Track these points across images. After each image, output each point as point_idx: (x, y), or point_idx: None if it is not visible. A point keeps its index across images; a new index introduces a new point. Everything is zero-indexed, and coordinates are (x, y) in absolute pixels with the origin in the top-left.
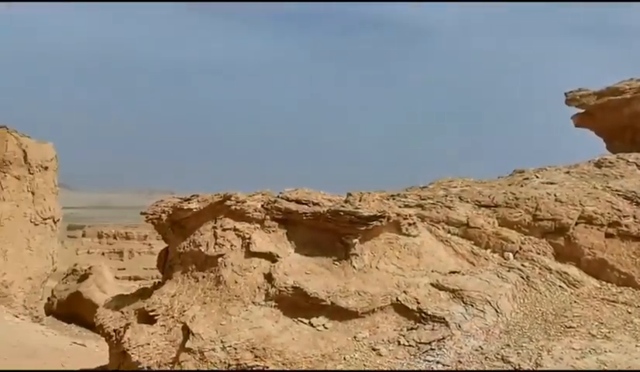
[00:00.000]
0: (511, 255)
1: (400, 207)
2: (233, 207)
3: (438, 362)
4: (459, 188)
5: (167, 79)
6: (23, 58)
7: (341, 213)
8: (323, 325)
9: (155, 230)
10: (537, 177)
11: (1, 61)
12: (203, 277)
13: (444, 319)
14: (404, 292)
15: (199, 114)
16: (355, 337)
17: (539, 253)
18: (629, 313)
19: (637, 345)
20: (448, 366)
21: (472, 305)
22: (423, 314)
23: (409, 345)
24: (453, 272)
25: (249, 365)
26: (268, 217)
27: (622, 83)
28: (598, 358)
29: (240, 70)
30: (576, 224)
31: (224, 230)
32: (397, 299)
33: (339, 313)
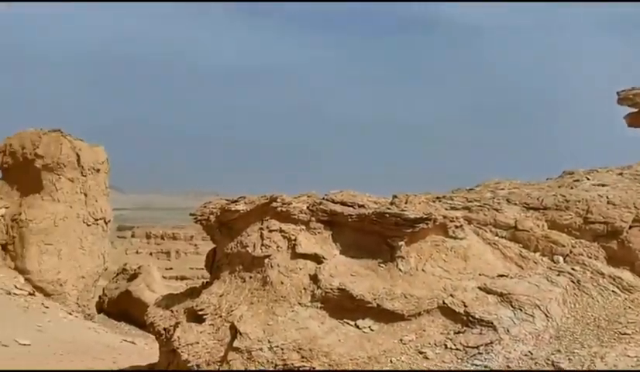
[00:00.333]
0: (561, 258)
1: (446, 209)
2: (279, 208)
3: (486, 366)
4: (507, 190)
5: (211, 82)
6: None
7: (387, 215)
8: (369, 328)
9: (201, 231)
10: (588, 179)
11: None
12: (250, 278)
13: (492, 323)
14: (451, 295)
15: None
16: (401, 340)
17: (591, 257)
18: None
19: None
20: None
21: (521, 309)
22: (470, 317)
23: (456, 348)
24: (501, 275)
25: (296, 366)
26: (313, 219)
27: None
28: None
29: (283, 72)
30: (630, 227)
31: (270, 231)
32: (444, 302)
33: (385, 315)
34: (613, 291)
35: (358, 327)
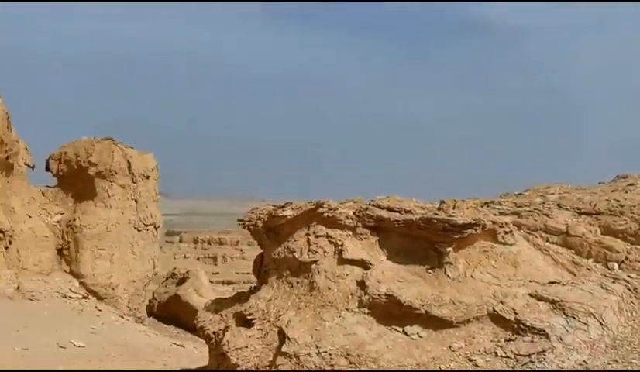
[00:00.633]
0: (616, 265)
1: (495, 214)
2: (326, 214)
3: None
4: (557, 195)
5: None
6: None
7: (434, 221)
8: (417, 334)
9: (247, 236)
10: None
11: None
12: (297, 283)
13: (544, 331)
14: (501, 302)
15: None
16: (450, 347)
17: None
18: None
19: None
20: None
21: (574, 317)
22: (521, 325)
23: (507, 356)
24: (553, 282)
25: (344, 371)
26: (360, 224)
27: None
28: None
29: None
30: None
31: (317, 237)
32: (494, 309)
33: (434, 322)
34: None
35: (406, 333)
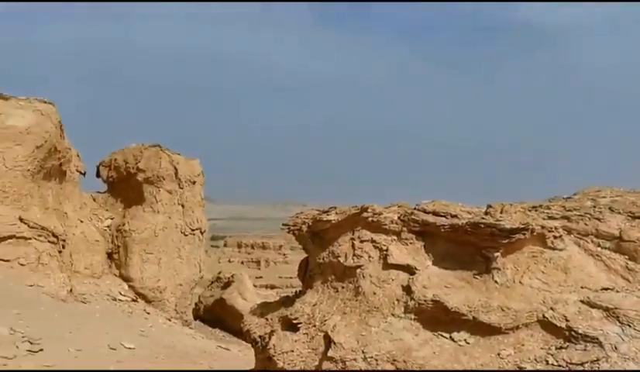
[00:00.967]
0: None
1: (543, 219)
2: (370, 219)
3: None
4: (609, 198)
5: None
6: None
7: (481, 225)
8: (465, 340)
9: (290, 241)
10: None
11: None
12: (342, 288)
13: (597, 339)
14: (551, 309)
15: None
16: (499, 354)
17: None
18: None
19: None
20: None
21: (629, 325)
22: (573, 332)
23: (559, 365)
24: (606, 289)
25: None
26: (405, 229)
27: None
28: None
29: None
30: None
31: (361, 242)
32: (544, 316)
33: (481, 328)
34: None
35: (453, 340)
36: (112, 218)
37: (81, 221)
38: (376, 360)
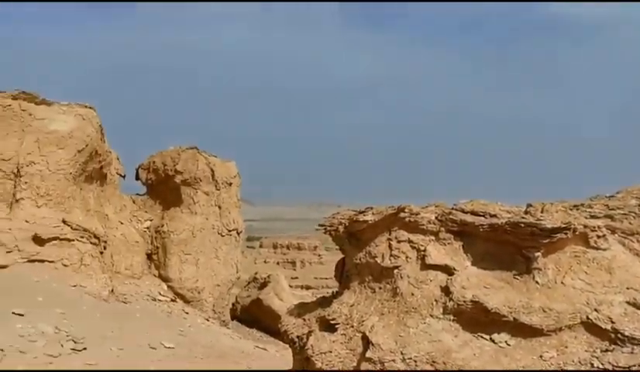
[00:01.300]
0: None
1: (586, 218)
2: (407, 219)
3: None
4: None
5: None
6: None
7: (521, 225)
8: (505, 342)
9: (325, 242)
10: None
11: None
12: (380, 288)
13: None
14: (595, 310)
15: (361, 129)
16: (541, 356)
17: None
18: None
19: None
20: None
21: None
22: (619, 335)
23: (604, 368)
24: None
25: None
26: (443, 229)
27: None
28: None
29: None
30: None
31: (399, 242)
32: (588, 317)
33: (522, 330)
34: None
35: (493, 341)
36: (151, 219)
37: (122, 222)
38: (415, 362)
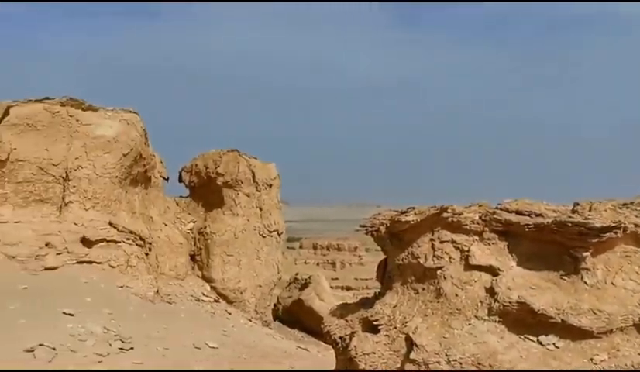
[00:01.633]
0: None
1: (636, 216)
2: (450, 219)
3: None
4: None
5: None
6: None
7: (569, 224)
8: (554, 344)
9: (365, 242)
10: None
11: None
12: (423, 289)
13: None
14: None
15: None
16: (591, 359)
17: None
18: None
19: None
20: None
21: None
22: None
23: None
24: None
25: None
26: (487, 229)
27: None
28: None
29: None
30: None
31: (441, 242)
32: None
33: (571, 332)
34: None
35: (541, 343)
36: (194, 221)
37: (166, 224)
38: (460, 363)
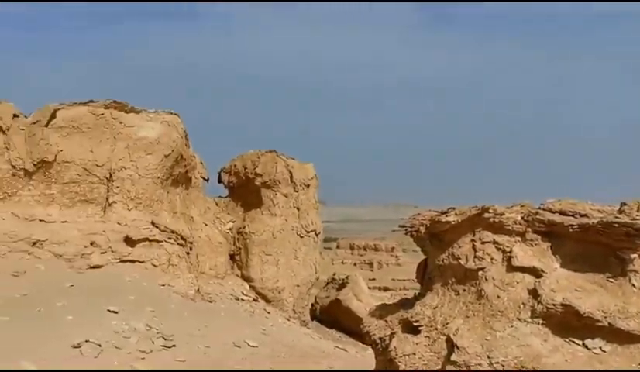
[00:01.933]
0: None
1: None
2: (491, 219)
3: None
4: None
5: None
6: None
7: (615, 225)
8: (600, 348)
9: (402, 243)
10: None
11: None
12: (464, 291)
13: None
14: None
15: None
16: None
17: None
18: None
19: None
20: None
21: None
22: None
23: None
24: None
25: None
26: (529, 229)
27: None
28: None
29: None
30: None
31: (483, 243)
32: None
33: (618, 336)
34: None
35: (587, 347)
36: (233, 221)
37: (206, 224)
38: (502, 366)
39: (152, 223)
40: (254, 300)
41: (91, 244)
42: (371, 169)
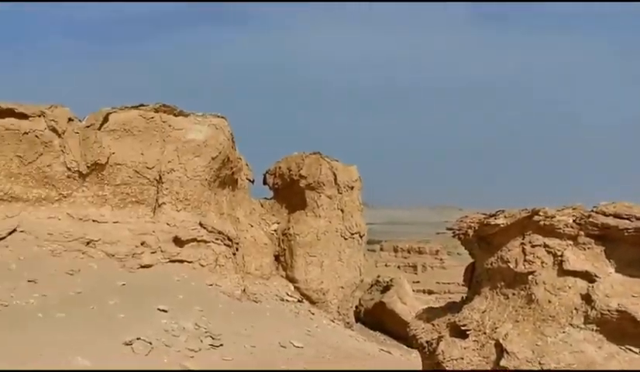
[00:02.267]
0: None
1: None
2: (542, 222)
3: None
4: None
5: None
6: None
7: None
8: None
9: (446, 246)
10: None
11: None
12: (513, 295)
13: None
14: None
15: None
16: None
17: None
18: None
19: None
20: None
21: None
22: None
23: None
24: None
25: None
26: (582, 233)
27: None
28: None
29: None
30: None
31: (533, 247)
32: None
33: None
34: None
35: None
36: (278, 222)
37: (251, 225)
38: None
39: (200, 224)
40: (299, 301)
41: (142, 244)
42: (416, 171)
